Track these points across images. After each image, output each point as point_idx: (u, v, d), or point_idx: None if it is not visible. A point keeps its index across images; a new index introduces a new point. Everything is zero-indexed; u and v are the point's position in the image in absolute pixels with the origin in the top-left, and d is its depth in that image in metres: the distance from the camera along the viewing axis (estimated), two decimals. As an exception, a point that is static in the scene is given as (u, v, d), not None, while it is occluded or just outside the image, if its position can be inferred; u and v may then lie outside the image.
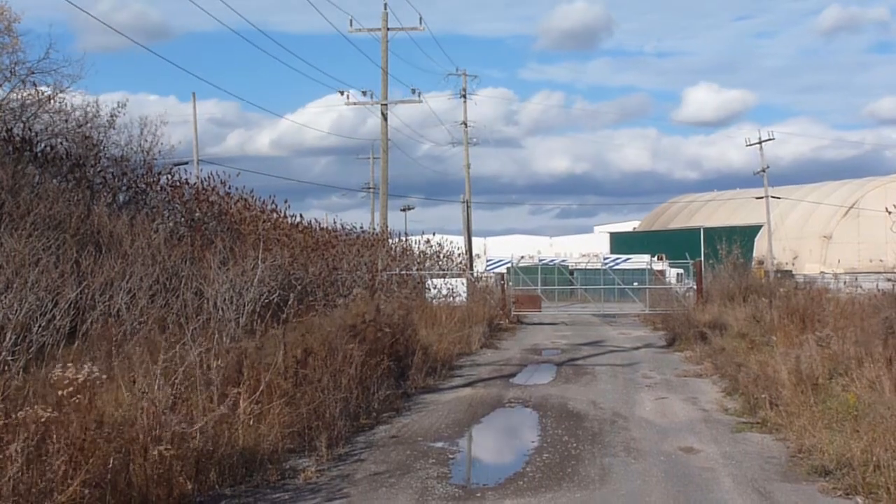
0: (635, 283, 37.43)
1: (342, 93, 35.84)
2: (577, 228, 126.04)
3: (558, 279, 41.73)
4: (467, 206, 50.50)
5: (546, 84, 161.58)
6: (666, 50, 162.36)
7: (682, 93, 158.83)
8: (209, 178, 22.01)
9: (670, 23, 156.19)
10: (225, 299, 13.50)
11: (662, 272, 41.53)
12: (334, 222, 29.24)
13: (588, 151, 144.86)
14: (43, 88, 19.18)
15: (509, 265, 39.72)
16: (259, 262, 14.44)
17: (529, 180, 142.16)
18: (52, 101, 19.12)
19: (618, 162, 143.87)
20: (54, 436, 6.42)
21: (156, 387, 8.12)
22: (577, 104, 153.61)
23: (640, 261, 47.00)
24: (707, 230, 54.16)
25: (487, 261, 55.30)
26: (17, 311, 10.09)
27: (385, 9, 35.61)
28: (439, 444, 10.54)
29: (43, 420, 6.27)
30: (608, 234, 77.76)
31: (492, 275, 36.51)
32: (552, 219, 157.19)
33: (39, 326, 10.42)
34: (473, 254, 49.33)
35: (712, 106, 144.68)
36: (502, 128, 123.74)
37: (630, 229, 78.96)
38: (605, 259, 48.92)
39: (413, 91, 37.21)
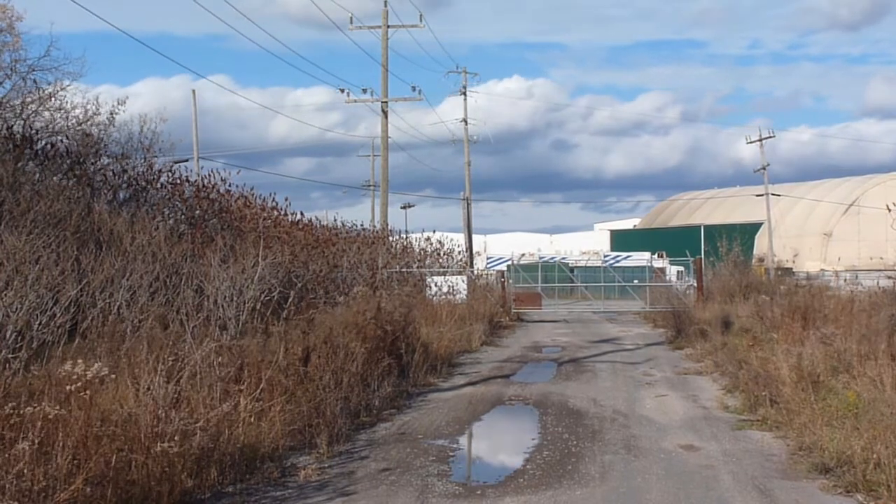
0: (636, 281, 37.46)
1: (343, 90, 35.92)
2: (577, 226, 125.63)
3: (559, 277, 41.72)
4: (467, 204, 50.54)
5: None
6: (858, 54, 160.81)
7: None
8: (210, 175, 22.02)
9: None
10: (225, 297, 13.50)
11: (663, 270, 41.56)
12: (335, 220, 29.26)
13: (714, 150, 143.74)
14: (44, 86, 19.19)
15: (510, 263, 39.71)
16: (259, 259, 14.44)
17: (637, 173, 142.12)
18: (52, 99, 19.12)
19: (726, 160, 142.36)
20: (60, 433, 6.42)
21: (157, 384, 8.13)
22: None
23: (640, 258, 47.02)
24: (707, 228, 54.14)
25: (488, 258, 55.38)
26: (17, 308, 10.09)
27: (385, 6, 35.68)
28: (440, 442, 10.54)
29: (51, 417, 6.27)
30: (608, 232, 77.86)
31: (492, 272, 36.52)
32: (599, 214, 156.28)
33: (40, 324, 10.42)
34: (474, 251, 49.40)
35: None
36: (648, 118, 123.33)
37: (630, 227, 79.05)
38: (605, 257, 48.90)
39: (413, 89, 37.29)
